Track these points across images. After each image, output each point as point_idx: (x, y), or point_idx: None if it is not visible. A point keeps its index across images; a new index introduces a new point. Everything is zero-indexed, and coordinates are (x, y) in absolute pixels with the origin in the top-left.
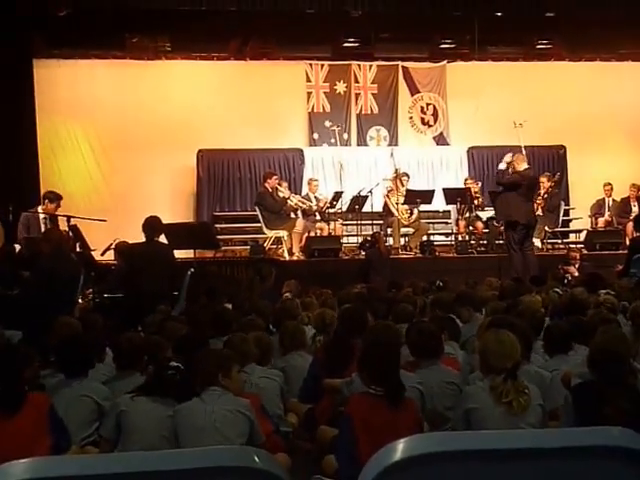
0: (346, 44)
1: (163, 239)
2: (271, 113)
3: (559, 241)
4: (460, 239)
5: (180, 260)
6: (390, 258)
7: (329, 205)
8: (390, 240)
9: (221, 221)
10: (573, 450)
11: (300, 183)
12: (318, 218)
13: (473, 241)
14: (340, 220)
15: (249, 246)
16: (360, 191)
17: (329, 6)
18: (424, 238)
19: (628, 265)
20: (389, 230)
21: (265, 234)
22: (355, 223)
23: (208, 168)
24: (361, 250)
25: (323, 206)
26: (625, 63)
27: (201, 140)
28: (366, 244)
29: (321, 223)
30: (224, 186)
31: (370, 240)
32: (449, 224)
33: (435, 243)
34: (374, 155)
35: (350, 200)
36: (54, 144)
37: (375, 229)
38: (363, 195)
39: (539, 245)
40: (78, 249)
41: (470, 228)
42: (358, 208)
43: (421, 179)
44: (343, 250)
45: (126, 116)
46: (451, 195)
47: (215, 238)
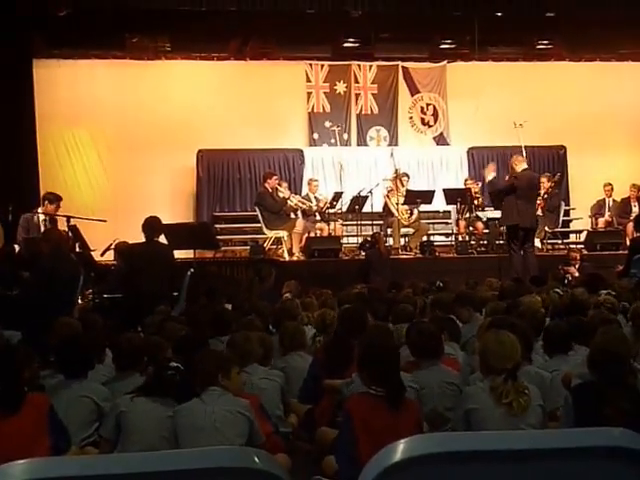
0: (346, 44)
1: (163, 239)
2: (271, 113)
3: (559, 241)
4: (460, 239)
5: (180, 260)
6: (390, 258)
7: (329, 205)
8: (390, 240)
9: (221, 221)
10: (573, 451)
11: (300, 183)
12: (318, 218)
13: (473, 241)
14: (340, 220)
15: (249, 246)
16: (360, 191)
17: (329, 6)
18: (424, 238)
19: (628, 265)
20: (389, 230)
21: (265, 234)
22: (355, 223)
23: (208, 168)
24: (361, 250)
25: (323, 206)
26: (625, 63)
27: (201, 140)
28: (366, 244)
29: (321, 223)
30: (224, 186)
31: (370, 240)
32: (449, 224)
33: (435, 243)
34: (374, 155)
35: (350, 200)
36: (54, 144)
37: (375, 229)
38: (363, 195)
39: (539, 245)
40: (78, 249)
41: (470, 228)
42: (358, 208)
43: (421, 179)
44: (343, 250)
45: (126, 116)
46: (451, 195)
47: (215, 238)
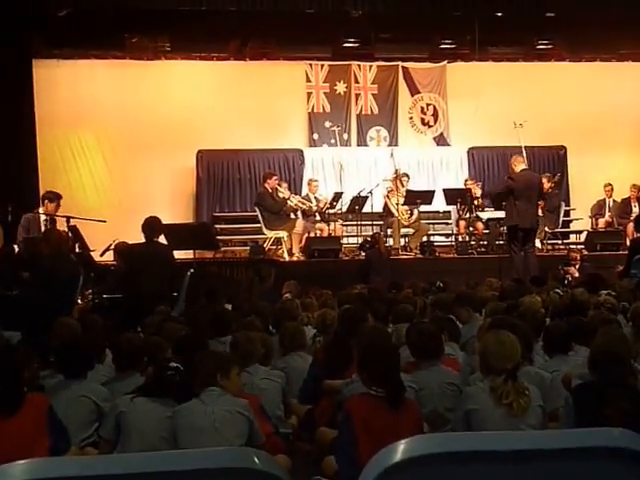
0: (346, 44)
1: (163, 240)
2: (271, 113)
3: (559, 242)
4: (460, 240)
5: (180, 261)
6: (390, 259)
7: (329, 206)
8: (390, 241)
9: (221, 222)
10: (574, 451)
11: (300, 183)
12: (318, 219)
13: (473, 242)
14: (340, 221)
15: (249, 247)
16: (360, 192)
17: (329, 6)
18: (424, 239)
19: (629, 266)
20: (389, 231)
21: (265, 235)
22: (355, 224)
23: (208, 168)
24: (361, 251)
25: (323, 207)
26: (625, 63)
27: (201, 140)
28: (366, 245)
29: (321, 224)
30: (224, 186)
31: (370, 241)
32: (449, 225)
33: (435, 244)
34: (374, 155)
35: (350, 201)
36: (53, 145)
37: (375, 230)
38: (363, 196)
39: (539, 246)
40: (77, 250)
41: (470, 229)
42: (358, 209)
43: (421, 180)
44: (343, 251)
45: (126, 116)
46: (451, 196)
47: (215, 239)
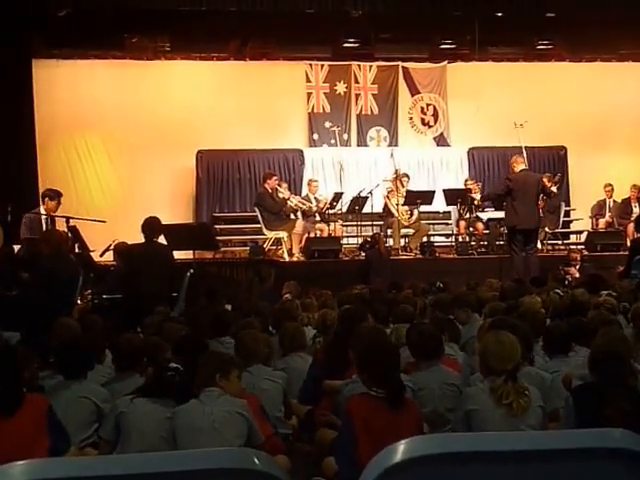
0: (346, 44)
1: (162, 240)
2: (271, 113)
3: (560, 242)
4: (460, 240)
5: (179, 261)
6: (390, 259)
7: (329, 206)
8: (390, 241)
9: (221, 222)
10: (574, 452)
11: (300, 184)
12: (318, 219)
13: (473, 242)
14: (340, 221)
15: (249, 247)
16: (360, 192)
17: (329, 6)
18: (424, 239)
19: (629, 266)
20: (389, 231)
21: (265, 235)
22: (355, 224)
23: (207, 169)
24: (361, 251)
25: (323, 207)
26: (626, 63)
27: (200, 141)
28: (366, 245)
29: (321, 224)
30: (224, 187)
31: (370, 241)
32: (449, 225)
33: (435, 244)
34: (374, 156)
35: (350, 201)
36: (53, 145)
37: (375, 230)
38: (363, 196)
39: (539, 246)
40: (77, 250)
41: (470, 229)
42: (358, 209)
43: (421, 180)
44: (343, 251)
45: (125, 116)
46: (451, 196)
47: (214, 239)
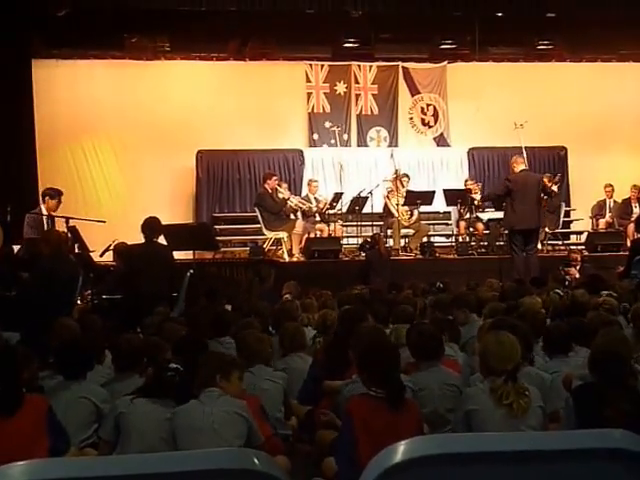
0: (346, 44)
1: (162, 240)
2: (271, 114)
3: (560, 242)
4: (460, 240)
5: (179, 261)
6: (390, 259)
7: (329, 206)
8: (390, 241)
9: (220, 222)
10: (574, 452)
11: (300, 184)
12: (318, 219)
13: (473, 242)
14: (340, 221)
15: (248, 247)
16: (360, 192)
17: (329, 6)
18: (424, 239)
19: (629, 267)
20: (389, 231)
21: (265, 235)
22: (355, 224)
23: (207, 169)
24: (361, 251)
25: (323, 207)
26: (626, 64)
27: (200, 141)
28: (366, 245)
29: (321, 224)
30: (223, 187)
31: (370, 241)
32: (449, 225)
33: (435, 244)
34: (374, 156)
35: (350, 201)
36: (53, 145)
37: (375, 230)
38: (363, 196)
39: (539, 246)
40: (77, 250)
41: (470, 229)
42: (358, 209)
43: (421, 180)
44: (343, 251)
45: (125, 116)
46: (451, 196)
47: (214, 239)
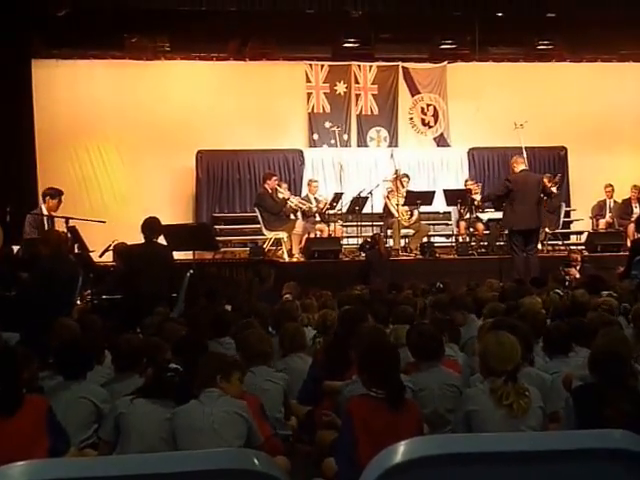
0: (346, 44)
1: (162, 240)
2: (271, 114)
3: (560, 243)
4: (460, 241)
5: (179, 261)
6: (390, 260)
7: (329, 206)
8: (390, 241)
9: (220, 222)
10: (574, 453)
11: (300, 184)
12: (318, 219)
13: (474, 243)
14: (340, 221)
15: (248, 247)
16: (360, 192)
17: (329, 6)
18: (424, 239)
19: (629, 267)
20: (389, 231)
21: (265, 235)
22: (355, 224)
23: (207, 169)
24: (361, 252)
25: (323, 207)
26: (626, 64)
27: (200, 141)
28: (366, 245)
29: (321, 224)
30: (223, 187)
31: (370, 242)
32: (449, 225)
33: (435, 245)
34: (374, 156)
35: (350, 201)
36: (52, 145)
37: (375, 230)
38: (363, 196)
39: (539, 246)
40: (76, 250)
41: (471, 230)
42: (358, 209)
43: (421, 180)
44: (343, 252)
45: (125, 117)
46: (451, 196)
47: (214, 239)
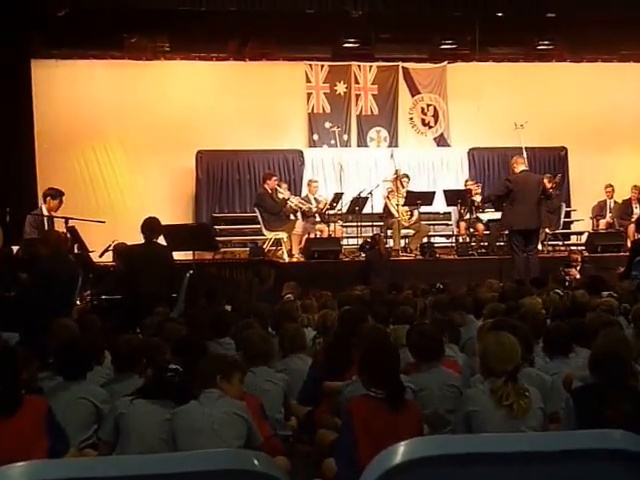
0: (346, 44)
1: (162, 240)
2: (271, 114)
3: (560, 243)
4: (461, 241)
5: (179, 262)
6: (390, 260)
7: (329, 206)
8: (390, 242)
9: (220, 222)
10: (574, 453)
11: (300, 184)
12: (318, 220)
13: (474, 243)
14: (340, 222)
15: (248, 248)
16: (360, 192)
17: (329, 6)
18: (424, 240)
19: (630, 267)
20: (389, 232)
21: (264, 236)
22: (355, 225)
23: (207, 169)
24: (361, 252)
25: (323, 207)
26: (627, 64)
27: (200, 141)
28: (366, 246)
29: (321, 225)
30: (223, 187)
31: (370, 242)
32: (449, 226)
33: (435, 245)
34: (374, 156)
35: (350, 201)
36: (52, 145)
37: (375, 231)
38: (363, 196)
39: (540, 247)
40: (76, 251)
41: (471, 230)
42: (358, 210)
43: (421, 180)
44: (343, 252)
45: (125, 117)
46: (451, 197)
47: (214, 240)
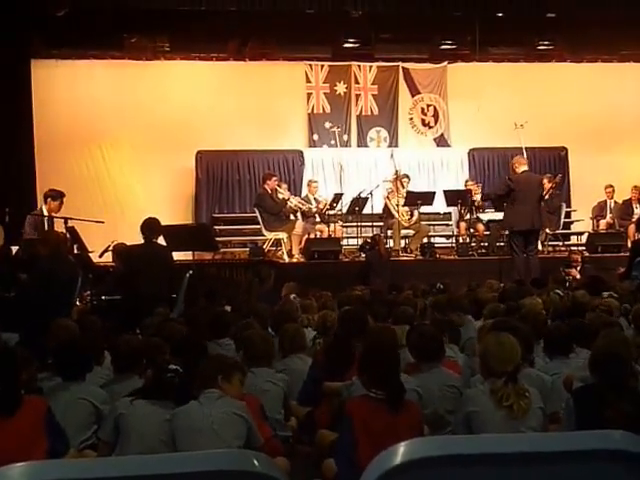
0: (346, 44)
1: (162, 241)
2: (271, 114)
3: (560, 243)
4: (461, 241)
5: (179, 262)
6: (390, 260)
7: (329, 207)
8: (390, 242)
9: (220, 223)
10: (574, 454)
11: (300, 184)
12: (318, 220)
13: (474, 243)
14: (340, 222)
15: (248, 248)
16: (360, 193)
17: (329, 6)
18: (424, 240)
19: (630, 268)
20: (389, 232)
21: (264, 236)
22: (355, 225)
23: (207, 169)
24: (361, 252)
25: (323, 208)
26: (627, 64)
27: (200, 141)
28: (366, 246)
29: (321, 225)
30: (223, 187)
31: (370, 242)
32: (450, 226)
33: (436, 245)
34: (374, 156)
35: (350, 202)
36: (52, 145)
37: (375, 231)
38: (363, 197)
39: (540, 247)
40: (76, 251)
41: (471, 230)
42: (358, 210)
43: (421, 181)
44: (343, 252)
45: (124, 117)
46: (452, 197)
47: (214, 240)
